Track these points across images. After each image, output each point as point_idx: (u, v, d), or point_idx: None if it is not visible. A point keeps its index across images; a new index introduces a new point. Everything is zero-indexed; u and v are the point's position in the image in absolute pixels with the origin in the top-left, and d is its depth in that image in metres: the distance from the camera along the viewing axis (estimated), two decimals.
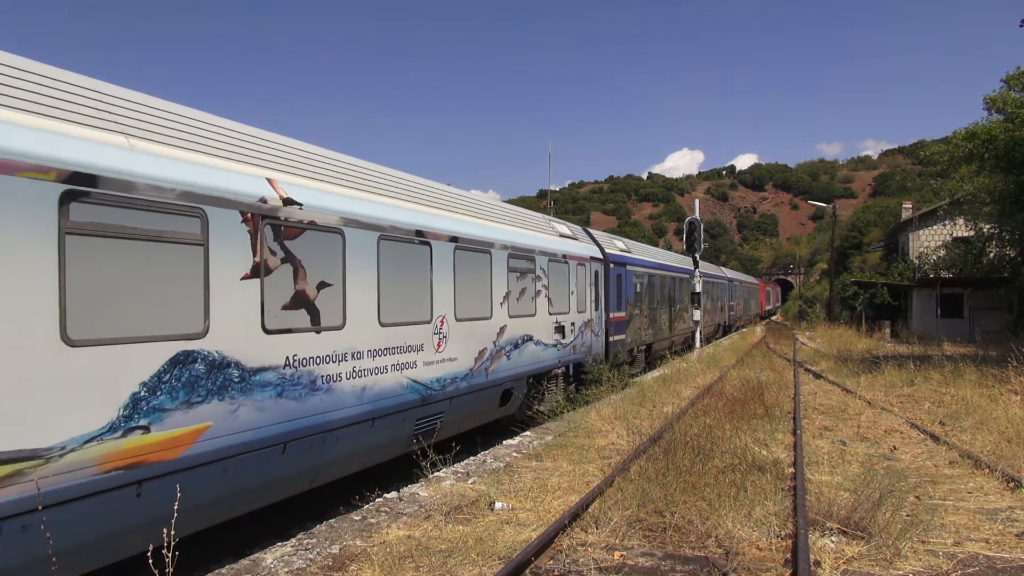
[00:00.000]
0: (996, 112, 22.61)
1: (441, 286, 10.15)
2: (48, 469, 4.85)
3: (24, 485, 4.68)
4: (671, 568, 5.78)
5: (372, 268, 8.57)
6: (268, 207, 6.94)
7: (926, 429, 11.52)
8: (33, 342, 4.85)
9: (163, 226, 5.84)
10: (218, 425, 6.24)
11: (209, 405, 6.16)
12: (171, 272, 5.94)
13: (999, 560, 5.93)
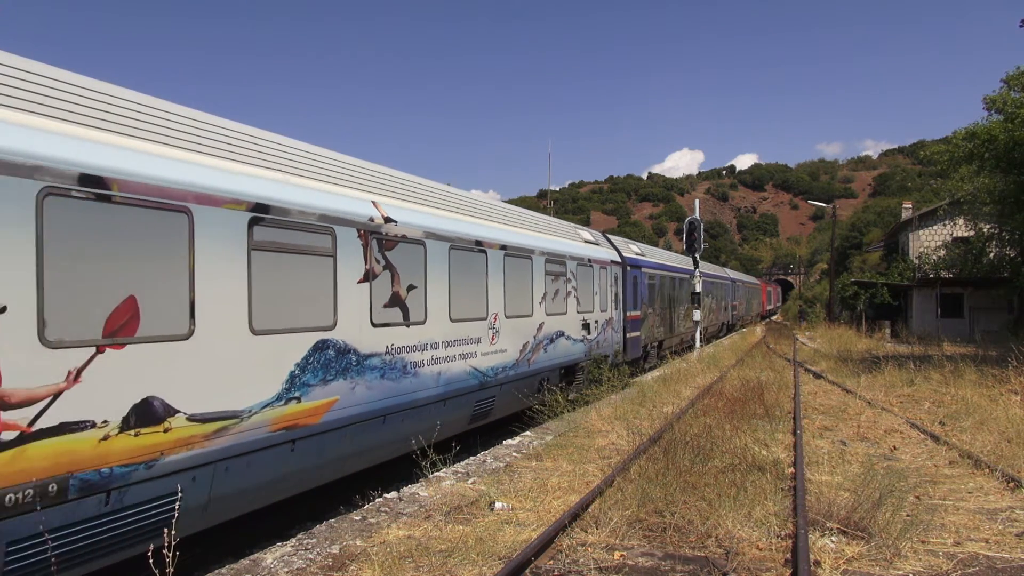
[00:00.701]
0: (996, 112, 22.61)
1: (494, 288, 11.82)
2: (241, 427, 6.49)
3: (228, 437, 6.34)
4: (671, 568, 5.78)
5: (445, 273, 10.28)
6: (373, 224, 8.62)
7: (926, 429, 11.52)
8: (236, 331, 6.52)
9: (308, 242, 7.52)
10: (342, 399, 7.89)
11: (337, 383, 7.82)
12: (313, 277, 7.61)
13: (999, 560, 5.93)
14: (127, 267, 5.58)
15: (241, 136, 7.36)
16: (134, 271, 5.64)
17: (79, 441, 5.11)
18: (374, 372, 8.50)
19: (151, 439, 5.67)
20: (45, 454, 4.90)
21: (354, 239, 8.25)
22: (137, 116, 6.16)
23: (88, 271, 5.30)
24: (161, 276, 5.90)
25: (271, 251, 7.00)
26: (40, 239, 4.96)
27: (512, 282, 12.47)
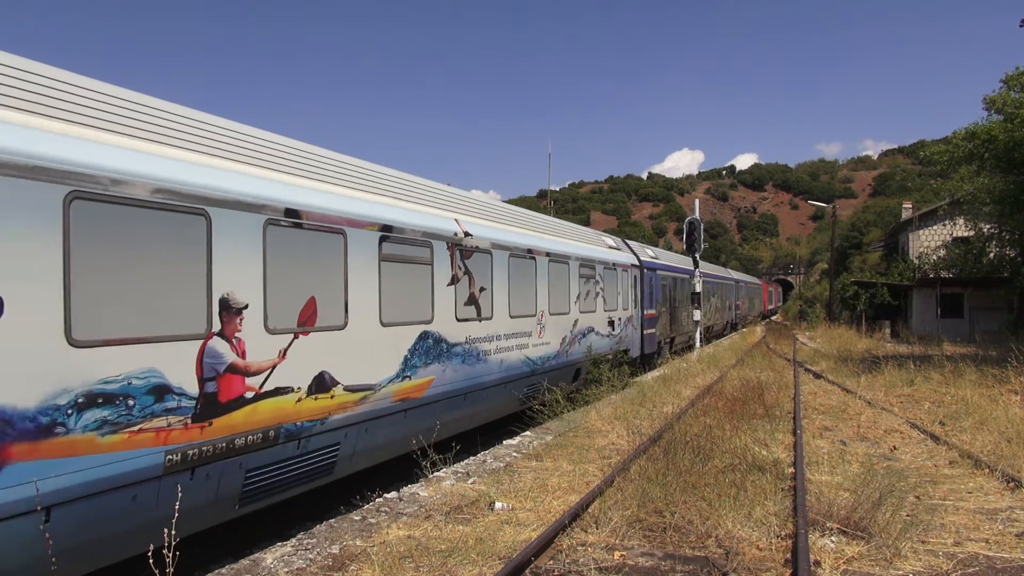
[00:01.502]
0: (996, 112, 22.59)
1: (541, 289, 13.86)
2: (375, 397, 8.51)
3: (367, 404, 8.36)
4: (671, 568, 5.78)
5: (506, 276, 12.35)
6: (456, 238, 10.64)
7: (926, 429, 11.52)
8: (372, 324, 8.58)
9: (413, 253, 9.50)
10: (437, 379, 9.91)
11: (433, 366, 9.85)
12: (417, 281, 9.62)
13: (999, 560, 5.93)
14: (309, 275, 7.61)
15: (366, 170, 9.52)
16: (313, 278, 7.67)
17: (285, 401, 7.13)
18: (458, 358, 10.64)
19: (324, 403, 7.69)
20: (267, 409, 6.90)
21: (444, 251, 10.34)
22: (300, 159, 8.15)
23: (289, 277, 7.29)
24: (328, 282, 7.89)
25: (391, 261, 9.02)
26: (264, 256, 6.96)
27: (554, 284, 14.53)
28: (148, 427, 5.72)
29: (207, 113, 7.17)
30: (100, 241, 5.46)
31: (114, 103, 6.03)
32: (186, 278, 6.17)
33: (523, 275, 13.09)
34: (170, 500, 5.69)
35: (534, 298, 13.52)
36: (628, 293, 19.98)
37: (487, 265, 11.66)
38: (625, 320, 19.60)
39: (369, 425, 8.49)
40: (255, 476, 6.86)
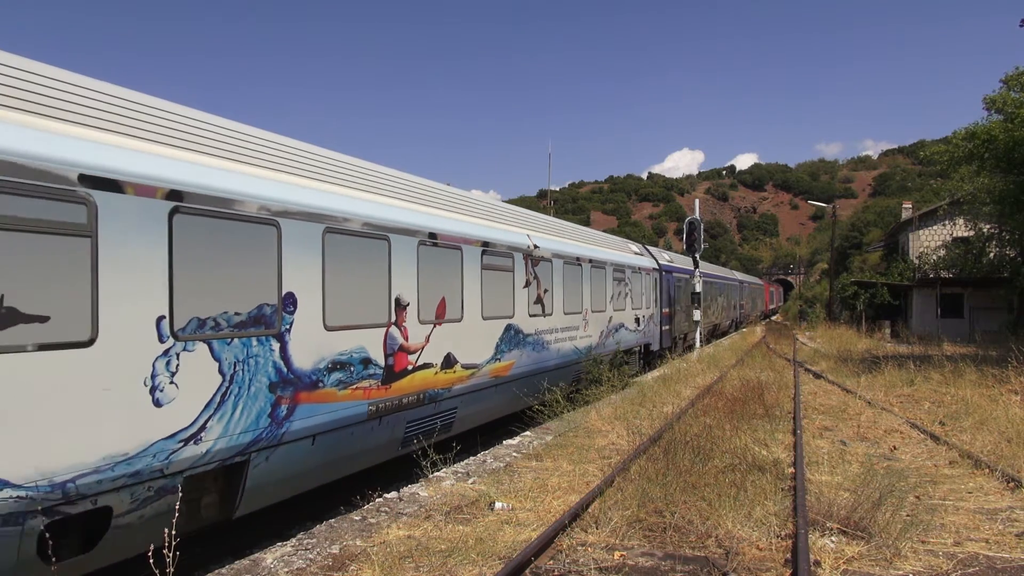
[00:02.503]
0: (996, 112, 22.59)
1: (585, 290, 16.53)
2: (479, 374, 11.17)
3: (474, 379, 11.00)
4: (671, 568, 5.78)
5: (561, 280, 14.92)
6: (529, 250, 13.35)
7: (926, 429, 11.52)
8: (477, 317, 11.19)
9: (501, 263, 12.17)
10: (517, 362, 12.69)
11: (514, 351, 12.61)
12: (503, 284, 12.29)
13: (999, 560, 5.94)
14: (441, 281, 10.24)
15: (473, 200, 12.60)
16: (443, 283, 10.30)
17: (428, 373, 9.78)
18: (530, 346, 13.39)
19: (449, 376, 10.39)
20: (419, 378, 9.54)
21: (521, 260, 13.05)
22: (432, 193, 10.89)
23: (430, 282, 9.92)
24: (451, 285, 10.56)
25: (488, 269, 11.67)
26: (418, 266, 9.62)
27: (595, 286, 17.17)
28: (360, 386, 8.39)
29: (354, 158, 9.60)
30: (335, 260, 8.08)
31: (323, 159, 8.70)
32: (378, 283, 8.91)
33: (573, 279, 15.81)
34: (368, 438, 8.60)
35: (580, 298, 16.26)
36: (650, 293, 22.70)
37: (548, 271, 14.37)
38: (647, 317, 22.24)
39: (475, 395, 11.27)
40: (411, 426, 9.53)
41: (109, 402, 5.49)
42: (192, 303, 6.23)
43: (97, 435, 5.39)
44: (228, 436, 6.54)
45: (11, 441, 4.85)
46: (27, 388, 4.96)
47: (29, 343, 4.98)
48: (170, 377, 6.00)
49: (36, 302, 5.04)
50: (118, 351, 5.58)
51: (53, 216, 5.18)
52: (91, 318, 5.41)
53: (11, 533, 4.84)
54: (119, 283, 5.62)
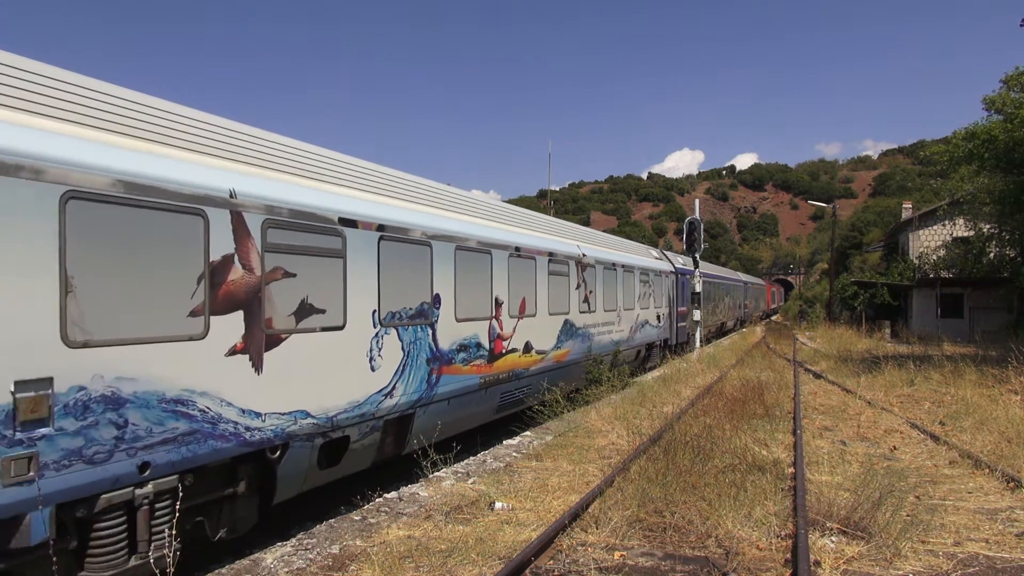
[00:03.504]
0: (996, 112, 22.58)
1: (619, 291, 19.28)
2: (546, 358, 13.98)
3: (544, 363, 13.84)
4: (671, 568, 5.78)
5: (601, 282, 17.67)
6: (579, 258, 16.08)
7: (926, 429, 11.52)
8: (544, 313, 13.81)
9: (561, 269, 14.82)
10: (571, 351, 15.30)
11: (569, 342, 15.18)
12: (561, 286, 14.84)
13: (999, 560, 5.94)
14: (522, 283, 13.02)
15: (542, 218, 16.04)
16: (523, 285, 13.06)
17: (514, 356, 12.42)
18: (580, 337, 16.06)
19: (528, 359, 13.10)
20: (509, 360, 12.23)
21: (574, 266, 15.76)
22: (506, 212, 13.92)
23: (517, 285, 12.75)
24: (529, 287, 13.27)
25: (552, 274, 14.43)
26: (508, 273, 12.36)
27: (626, 288, 19.91)
28: (475, 364, 11.15)
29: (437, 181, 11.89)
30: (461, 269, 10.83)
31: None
32: (484, 286, 11.65)
33: (610, 282, 18.45)
34: (478, 404, 11.48)
35: (616, 298, 18.96)
36: (668, 294, 25.60)
37: (592, 275, 17.06)
38: (666, 315, 25.14)
39: (544, 375, 13.91)
40: (503, 397, 12.36)
41: (350, 366, 8.23)
42: (387, 301, 8.97)
43: (346, 388, 8.10)
44: (406, 394, 9.28)
45: (311, 388, 7.49)
46: (317, 355, 7.65)
47: (318, 327, 7.69)
48: (378, 351, 8.74)
49: (320, 301, 7.74)
50: (355, 333, 8.32)
51: (325, 245, 7.86)
52: (343, 311, 8.14)
53: (309, 446, 7.57)
54: (355, 288, 8.34)
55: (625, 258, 20.27)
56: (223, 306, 6.51)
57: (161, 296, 5.90)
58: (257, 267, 6.93)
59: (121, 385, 5.50)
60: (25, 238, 4.94)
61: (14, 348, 4.82)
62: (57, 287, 5.08)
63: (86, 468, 5.21)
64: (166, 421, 5.84)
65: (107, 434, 5.37)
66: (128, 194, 5.65)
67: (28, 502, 4.80)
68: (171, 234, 6.02)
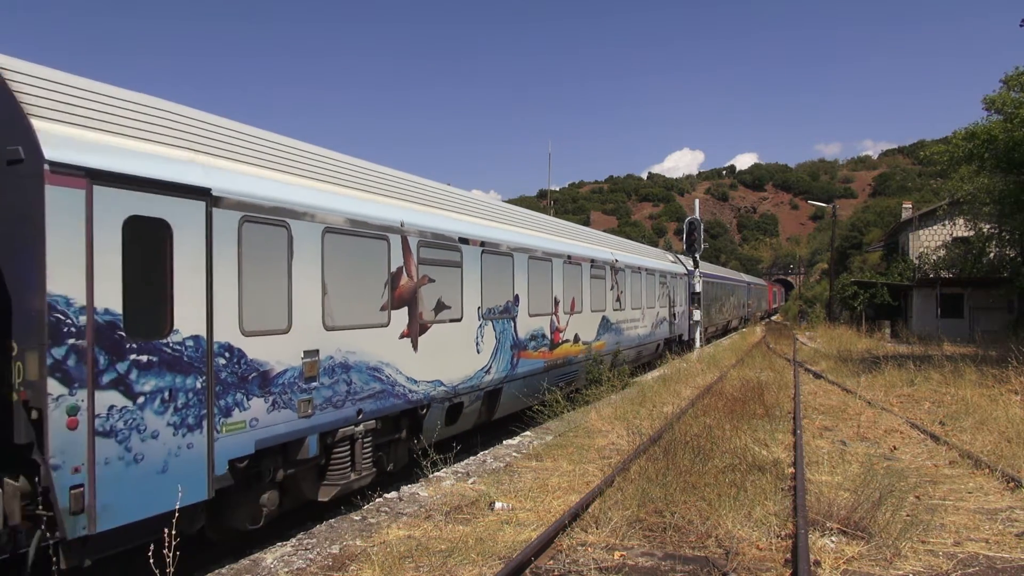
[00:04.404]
0: (996, 112, 22.58)
1: (644, 291, 21.99)
2: (588, 348, 16.70)
3: (587, 352, 16.58)
4: (671, 568, 5.78)
5: (629, 284, 20.35)
6: (612, 262, 18.80)
7: (926, 429, 11.52)
8: (587, 310, 16.69)
9: (599, 273, 17.71)
10: (607, 343, 18.12)
11: (605, 335, 18.03)
12: (601, 288, 17.83)
13: (999, 560, 5.94)
14: (571, 285, 15.60)
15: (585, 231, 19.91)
16: (572, 286, 15.64)
17: (567, 345, 15.22)
18: (613, 331, 18.80)
19: (576, 348, 15.79)
20: (563, 348, 15.09)
21: (609, 270, 18.56)
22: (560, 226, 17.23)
23: (569, 287, 15.41)
24: (577, 288, 15.88)
25: (592, 277, 17.08)
26: (564, 277, 15.20)
27: (648, 289, 22.50)
28: (540, 349, 13.76)
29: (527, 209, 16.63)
30: (533, 274, 13.59)
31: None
32: (547, 288, 14.29)
33: (636, 283, 21.12)
34: (541, 383, 13.58)
35: (640, 297, 21.58)
36: (682, 294, 28.61)
37: (623, 278, 19.79)
38: (681, 313, 28.12)
39: (587, 362, 16.33)
40: (559, 378, 14.73)
41: (465, 349, 10.94)
42: (486, 300, 11.69)
43: (462, 365, 10.78)
44: (498, 372, 12.00)
45: (443, 364, 10.11)
46: (447, 340, 10.32)
47: (447, 319, 10.39)
48: (481, 338, 11.45)
49: (448, 300, 10.43)
50: (468, 324, 11.04)
51: (450, 258, 10.56)
52: (461, 307, 10.82)
53: (441, 407, 10.11)
54: (468, 290, 11.03)
55: (648, 263, 23.21)
56: (397, 303, 9.18)
57: (366, 296, 8.58)
58: (415, 275, 9.60)
59: (348, 356, 8.10)
60: (309, 260, 7.56)
61: (303, 331, 7.41)
62: (320, 291, 7.69)
63: (333, 410, 7.82)
64: (370, 382, 8.48)
65: (342, 388, 7.98)
66: (351, 228, 8.29)
67: (309, 429, 7.48)
68: (370, 253, 8.67)
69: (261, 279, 6.88)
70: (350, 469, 8.13)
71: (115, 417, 5.42)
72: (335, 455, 7.96)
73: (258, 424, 6.77)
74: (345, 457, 8.07)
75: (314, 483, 7.96)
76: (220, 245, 6.40)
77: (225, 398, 6.41)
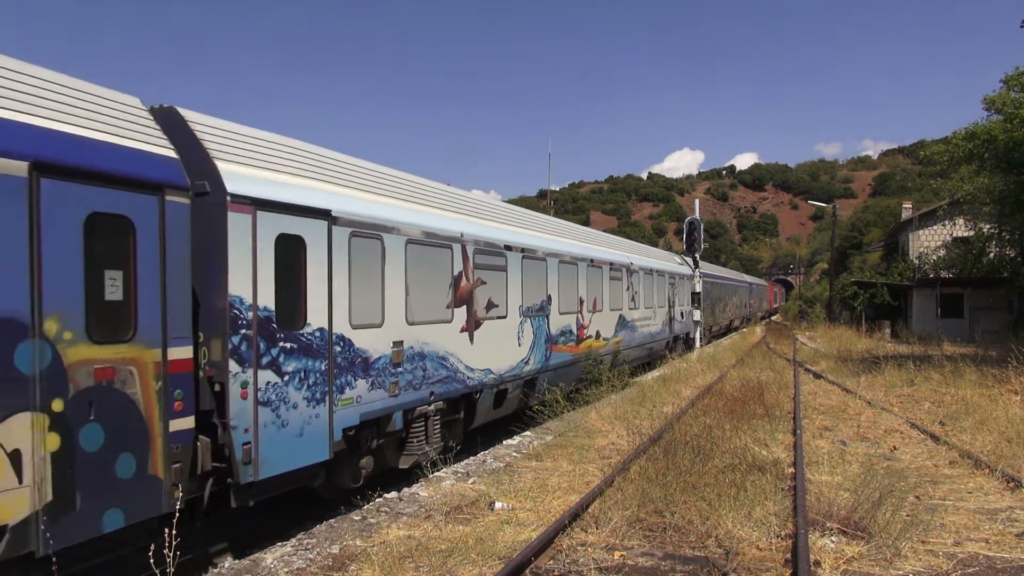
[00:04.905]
0: (996, 112, 22.57)
1: (656, 292, 23.85)
2: (608, 343, 18.50)
3: (607, 347, 18.41)
4: (671, 568, 5.78)
5: (642, 285, 21.94)
6: (628, 264, 20.71)
7: (926, 429, 11.52)
8: (608, 309, 18.61)
9: (618, 275, 19.59)
10: (624, 339, 20.00)
11: (622, 332, 19.85)
12: (618, 288, 19.61)
13: (999, 560, 5.94)
14: (594, 286, 17.47)
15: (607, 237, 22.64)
16: (595, 288, 17.52)
17: (591, 340, 17.12)
18: (629, 329, 20.47)
19: (598, 343, 17.58)
20: (587, 343, 16.86)
21: (625, 272, 20.25)
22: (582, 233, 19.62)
23: (591, 288, 17.24)
24: (599, 289, 17.83)
25: (612, 279, 18.77)
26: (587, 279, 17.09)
27: (658, 289, 24.39)
28: (568, 345, 15.47)
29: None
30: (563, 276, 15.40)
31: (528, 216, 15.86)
32: (574, 289, 15.96)
33: (648, 285, 22.89)
34: (570, 374, 15.49)
35: (652, 297, 23.32)
36: (689, 294, 30.13)
37: (637, 280, 21.51)
38: (687, 313, 29.35)
39: (607, 356, 17.68)
40: (583, 369, 16.21)
41: (509, 343, 12.64)
42: (525, 299, 13.40)
43: (507, 357, 12.51)
44: (535, 364, 13.77)
45: (492, 355, 11.78)
46: (495, 335, 11.97)
47: (495, 316, 12.02)
48: (521, 334, 13.16)
49: (495, 299, 12.08)
50: (511, 321, 12.72)
51: (497, 263, 12.24)
52: (506, 305, 12.51)
53: (490, 392, 11.87)
54: (512, 290, 12.78)
55: (659, 264, 25.16)
56: (458, 302, 10.91)
57: (435, 296, 10.22)
58: (471, 278, 11.33)
59: (423, 347, 9.81)
60: (396, 266, 9.27)
61: (392, 325, 9.14)
62: (404, 292, 9.38)
63: (413, 392, 9.54)
64: (438, 369, 10.20)
65: (419, 374, 9.70)
66: (426, 239, 9.99)
67: (396, 406, 9.17)
68: (438, 260, 10.36)
69: (363, 282, 8.57)
70: (425, 442, 9.81)
71: (270, 391, 7.05)
72: (413, 430, 9.67)
73: (361, 401, 8.44)
74: (421, 432, 9.79)
75: (396, 453, 9.63)
76: (336, 255, 8.10)
77: (340, 379, 8.04)
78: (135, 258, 5.82)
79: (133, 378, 5.73)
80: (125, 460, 5.65)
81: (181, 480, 6.11)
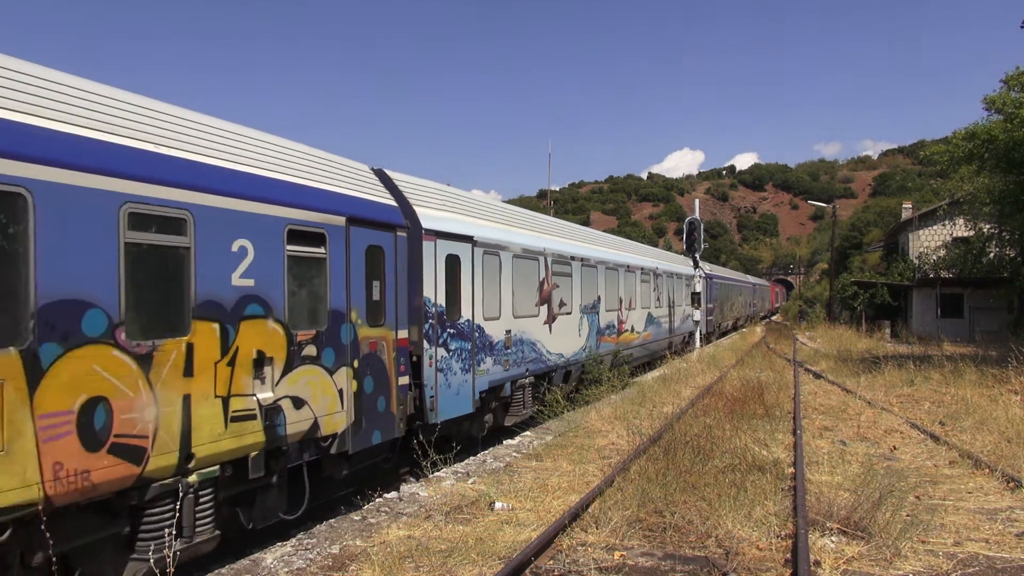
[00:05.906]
0: (996, 112, 22.56)
1: (674, 292, 27.40)
2: (639, 336, 22.35)
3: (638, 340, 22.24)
4: (671, 568, 5.78)
5: (664, 286, 25.76)
6: (654, 269, 24.48)
7: (926, 429, 11.52)
8: (639, 307, 22.29)
9: (646, 277, 23.35)
10: (651, 334, 23.78)
11: (649, 327, 23.45)
12: (648, 289, 23.53)
13: (999, 560, 5.94)
14: (630, 288, 21.16)
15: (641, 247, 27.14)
16: (630, 289, 21.22)
17: (627, 334, 20.80)
18: (654, 324, 23.80)
19: (632, 336, 21.37)
20: (625, 336, 20.56)
21: (652, 276, 23.83)
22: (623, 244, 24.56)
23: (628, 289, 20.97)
24: (632, 290, 21.34)
25: (642, 282, 22.43)
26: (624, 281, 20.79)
27: (677, 290, 27.80)
28: (611, 336, 19.15)
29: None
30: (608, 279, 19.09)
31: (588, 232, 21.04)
32: (616, 290, 19.63)
33: (668, 286, 26.23)
34: (613, 361, 17.59)
35: (669, 297, 26.36)
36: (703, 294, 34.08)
37: (662, 282, 24.93)
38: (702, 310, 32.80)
39: (638, 348, 21.28)
40: (621, 356, 18.48)
41: (572, 334, 16.09)
42: (583, 299, 16.71)
43: (571, 345, 15.98)
44: (589, 351, 17.00)
45: (563, 343, 15.42)
46: (564, 327, 15.56)
47: (564, 312, 15.59)
48: (581, 326, 16.59)
49: (564, 299, 15.64)
50: (574, 315, 16.16)
51: (565, 270, 15.74)
52: (571, 304, 15.99)
53: (562, 371, 15.59)
54: (575, 291, 16.21)
55: (676, 268, 28.66)
56: (542, 301, 14.28)
57: (528, 296, 13.66)
58: (550, 282, 14.68)
59: (522, 335, 13.25)
60: (507, 274, 12.72)
61: (505, 318, 12.54)
62: (511, 294, 12.81)
63: (516, 368, 12.94)
64: (530, 352, 13.55)
65: (520, 355, 13.14)
66: (524, 253, 13.48)
67: (507, 378, 12.54)
68: (530, 269, 13.78)
69: (489, 286, 11.96)
70: (523, 406, 13.21)
71: (443, 362, 10.34)
72: (515, 397, 13.03)
73: (488, 372, 11.79)
74: (520, 398, 13.15)
75: (502, 413, 12.83)
76: (475, 267, 11.46)
77: (477, 355, 11.44)
78: (384, 273, 8.96)
79: (384, 348, 8.93)
80: (382, 400, 8.83)
81: (402, 418, 9.22)
